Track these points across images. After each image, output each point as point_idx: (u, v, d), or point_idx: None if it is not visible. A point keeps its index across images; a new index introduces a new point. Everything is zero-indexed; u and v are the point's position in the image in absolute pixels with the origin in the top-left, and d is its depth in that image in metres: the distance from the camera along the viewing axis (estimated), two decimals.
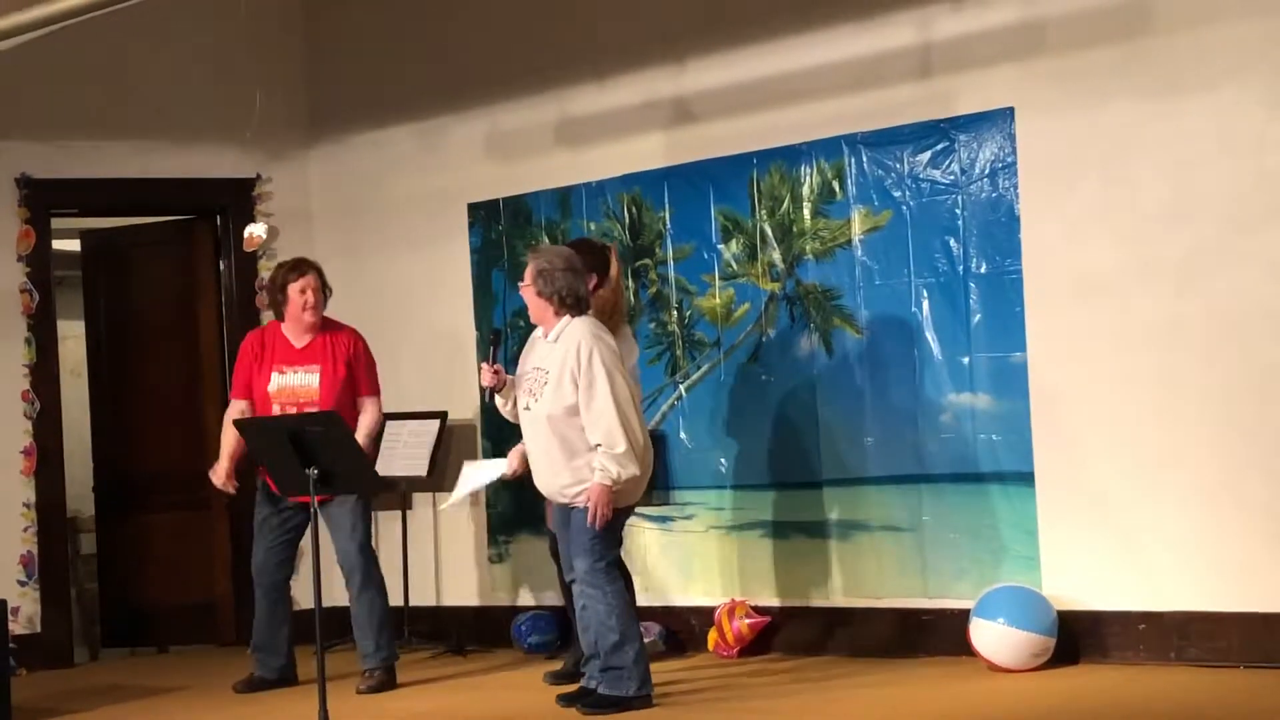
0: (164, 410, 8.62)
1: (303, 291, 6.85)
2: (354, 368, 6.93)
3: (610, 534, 5.88)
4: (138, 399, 8.69)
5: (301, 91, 8.62)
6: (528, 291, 5.97)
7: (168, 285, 8.72)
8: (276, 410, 6.80)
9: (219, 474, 6.94)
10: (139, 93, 8.30)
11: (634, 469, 5.78)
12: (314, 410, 6.72)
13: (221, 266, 8.55)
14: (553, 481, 5.97)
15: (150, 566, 8.60)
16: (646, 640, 7.00)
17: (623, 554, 7.29)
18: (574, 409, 5.82)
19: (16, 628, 7.73)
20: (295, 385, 6.82)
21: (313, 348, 6.89)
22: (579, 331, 5.82)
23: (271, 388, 6.84)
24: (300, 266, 6.92)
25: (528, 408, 5.97)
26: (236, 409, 6.96)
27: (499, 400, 6.16)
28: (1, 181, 8.09)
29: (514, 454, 6.41)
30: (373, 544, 7.01)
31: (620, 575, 5.92)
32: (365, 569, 6.85)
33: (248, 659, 7.30)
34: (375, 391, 7.00)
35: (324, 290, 6.93)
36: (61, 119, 8.20)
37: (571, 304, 5.88)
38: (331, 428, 6.07)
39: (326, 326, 6.95)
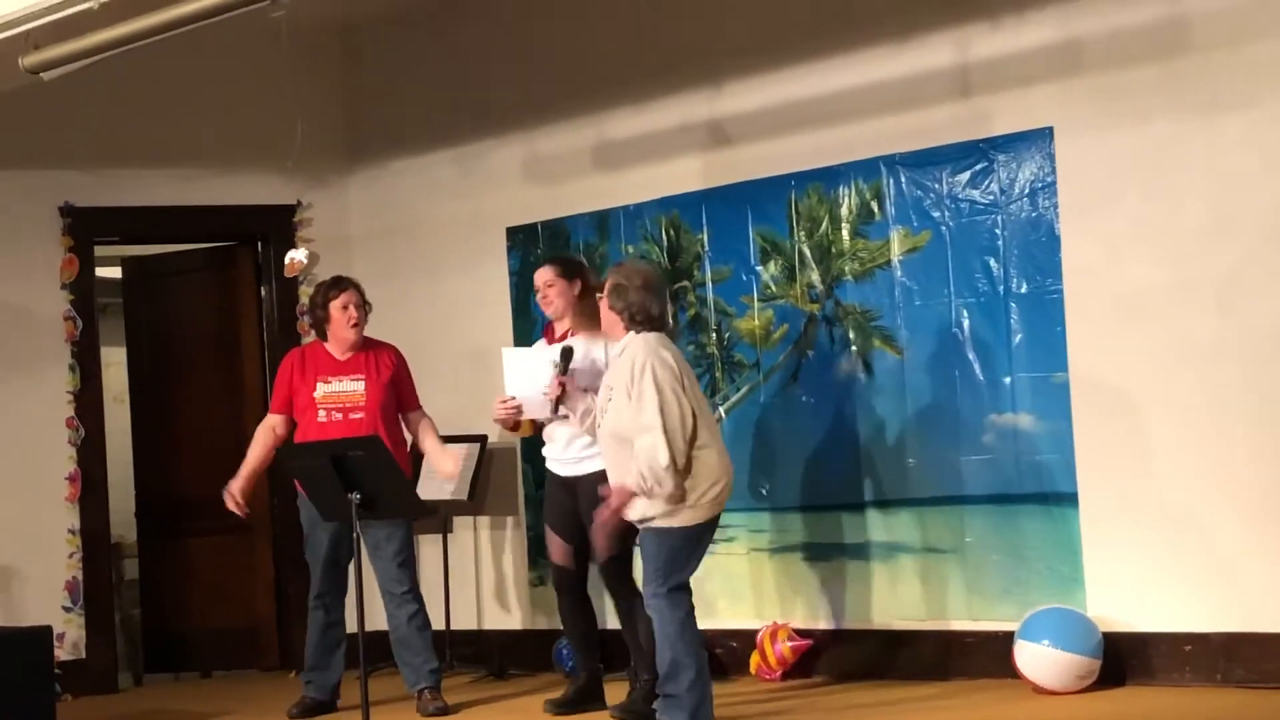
0: (206, 435, 8.65)
1: (345, 307, 6.91)
2: (398, 383, 6.98)
3: (675, 558, 5.76)
4: (180, 424, 8.73)
5: (341, 118, 8.67)
6: (602, 304, 5.98)
7: (209, 311, 8.78)
8: (322, 415, 6.84)
9: (233, 492, 6.94)
10: (180, 121, 8.37)
11: (669, 486, 5.66)
12: (360, 416, 6.78)
13: (263, 292, 8.60)
14: (643, 502, 5.92)
15: (193, 591, 8.63)
16: None
17: None
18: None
19: (62, 654, 7.78)
20: (341, 391, 6.88)
21: (355, 360, 6.95)
22: (638, 347, 5.79)
23: (317, 394, 6.89)
24: (340, 283, 6.99)
25: (598, 424, 6.00)
26: (270, 422, 7.01)
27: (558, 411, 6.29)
28: (45, 210, 8.17)
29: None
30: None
31: (682, 600, 5.77)
32: (413, 589, 6.88)
33: (292, 683, 7.33)
34: (420, 405, 7.08)
35: (364, 306, 6.98)
36: (103, 148, 8.27)
37: (641, 320, 5.83)
38: (373, 451, 6.10)
39: (367, 344, 7.00)
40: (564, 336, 6.53)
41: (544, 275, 6.61)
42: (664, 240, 7.56)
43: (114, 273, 9.08)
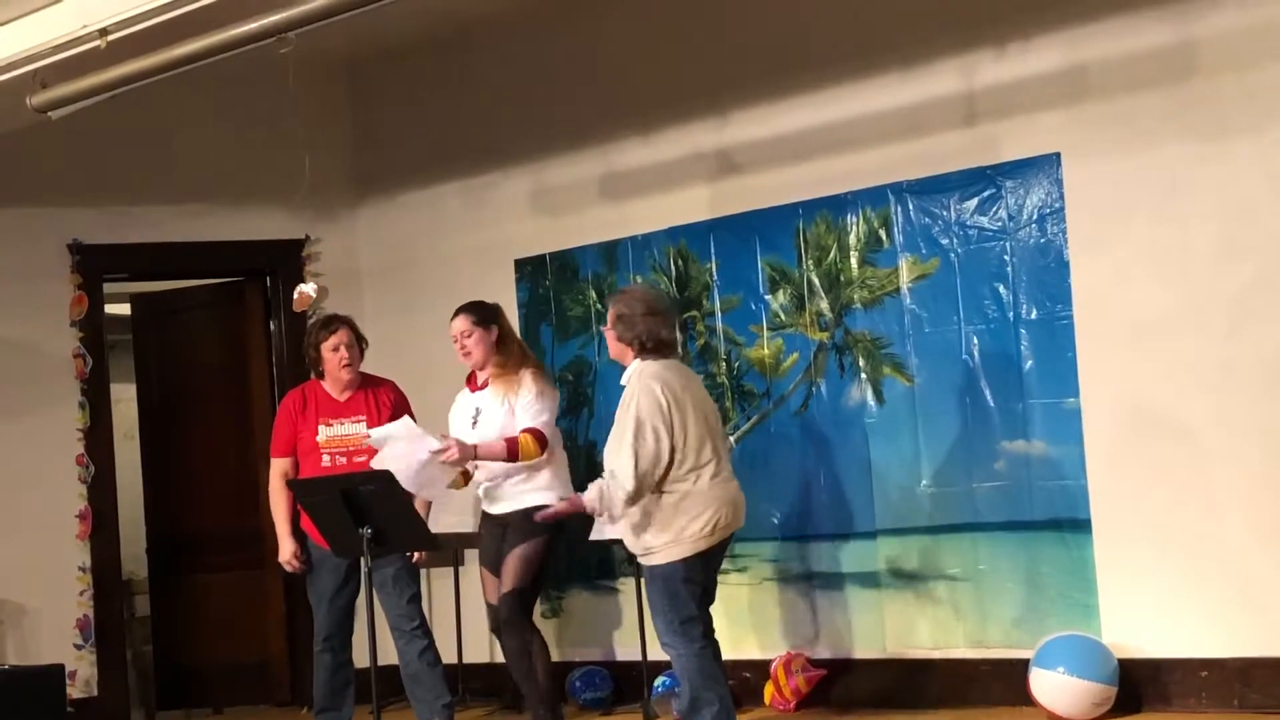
0: (216, 471, 8.65)
1: (335, 349, 6.83)
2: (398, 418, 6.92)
3: (674, 594, 5.68)
4: (190, 460, 8.73)
5: (348, 152, 8.69)
6: (609, 334, 5.92)
7: (218, 347, 8.78)
8: (326, 460, 6.79)
9: (286, 557, 6.85)
10: (188, 157, 8.39)
11: (615, 508, 5.62)
12: (364, 459, 6.73)
13: (272, 327, 8.60)
14: (627, 535, 5.88)
15: (205, 627, 8.61)
16: None
17: None
18: None
19: (74, 691, 7.77)
20: (344, 434, 6.81)
21: (355, 400, 6.89)
22: (634, 381, 5.75)
23: (320, 438, 6.82)
24: (331, 324, 6.89)
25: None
26: (281, 468, 6.91)
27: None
28: (54, 248, 8.18)
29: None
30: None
31: (690, 635, 5.68)
32: (423, 624, 6.85)
33: (304, 719, 7.29)
34: None
35: (359, 344, 6.91)
36: (111, 185, 8.29)
37: (652, 347, 5.77)
38: (384, 486, 6.08)
39: (365, 381, 6.95)
40: (485, 384, 6.50)
41: (459, 325, 6.52)
42: (672, 270, 7.55)
43: (123, 309, 9.09)
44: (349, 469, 6.71)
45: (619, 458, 5.63)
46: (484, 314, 6.54)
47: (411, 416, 6.95)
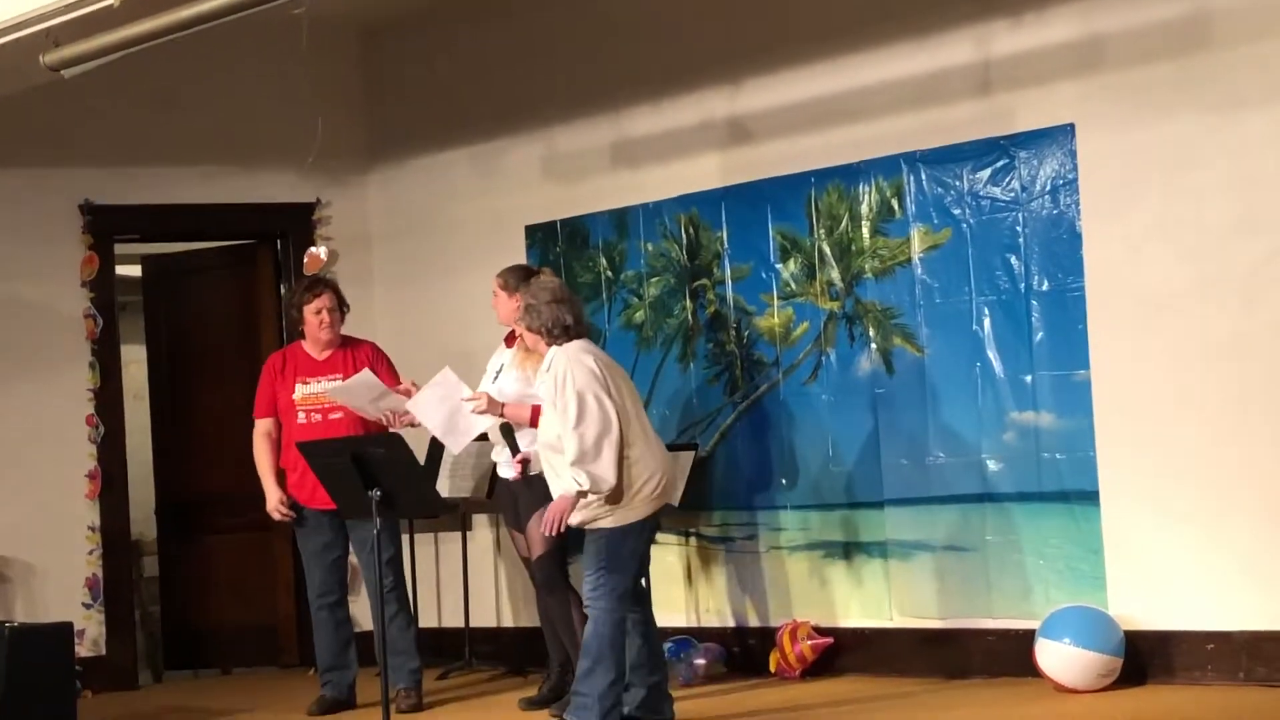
0: (226, 433, 8.64)
1: (317, 312, 6.91)
2: (378, 375, 6.91)
3: (614, 558, 5.81)
4: (199, 422, 8.75)
5: (360, 116, 8.68)
6: (520, 327, 6.13)
7: (229, 309, 8.80)
8: (301, 417, 6.85)
9: (273, 504, 6.94)
10: (200, 119, 8.38)
11: (604, 486, 5.73)
12: (339, 415, 6.78)
13: (282, 290, 8.61)
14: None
15: (213, 588, 8.66)
16: (704, 661, 6.98)
17: (684, 575, 7.25)
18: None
19: (82, 650, 7.80)
20: (320, 392, 6.88)
21: (333, 359, 6.97)
22: (559, 360, 5.91)
23: (296, 395, 6.91)
24: (314, 287, 6.98)
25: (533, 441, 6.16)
26: (263, 429, 7.00)
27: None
28: (65, 208, 8.19)
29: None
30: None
31: (621, 605, 5.81)
32: (397, 587, 6.88)
33: (311, 680, 7.32)
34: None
35: (340, 308, 6.97)
36: (123, 146, 8.29)
37: (558, 334, 5.97)
38: (394, 449, 6.10)
39: (346, 342, 7.01)
40: (510, 340, 6.67)
41: (493, 284, 6.74)
42: (683, 238, 7.55)
43: (134, 271, 9.10)
44: (324, 426, 6.77)
45: (569, 440, 5.74)
46: (507, 278, 6.68)
47: (392, 375, 6.94)
